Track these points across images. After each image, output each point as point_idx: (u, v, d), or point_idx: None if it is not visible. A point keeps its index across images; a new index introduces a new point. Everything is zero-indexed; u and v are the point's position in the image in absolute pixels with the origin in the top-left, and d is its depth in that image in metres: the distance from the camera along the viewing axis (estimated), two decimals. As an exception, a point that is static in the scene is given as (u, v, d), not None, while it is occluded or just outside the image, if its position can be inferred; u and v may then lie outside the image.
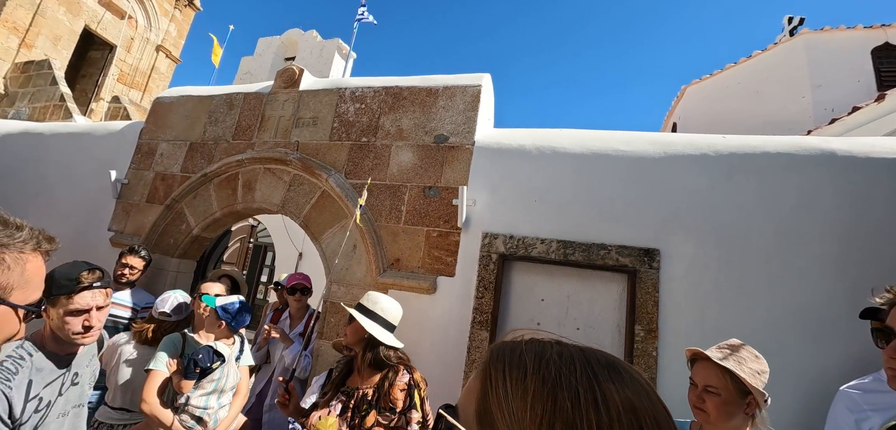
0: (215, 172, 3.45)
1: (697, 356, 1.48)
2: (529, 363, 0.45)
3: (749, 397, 1.35)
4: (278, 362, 2.90)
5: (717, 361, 1.38)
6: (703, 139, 2.57)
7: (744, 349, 1.44)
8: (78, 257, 3.65)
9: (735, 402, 1.34)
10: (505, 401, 0.43)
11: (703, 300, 2.25)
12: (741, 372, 1.35)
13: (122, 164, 3.89)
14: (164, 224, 3.51)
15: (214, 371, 2.13)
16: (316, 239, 3.08)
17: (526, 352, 0.47)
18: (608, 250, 2.43)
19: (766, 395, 1.34)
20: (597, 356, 0.47)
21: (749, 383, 1.33)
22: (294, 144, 3.32)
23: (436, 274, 2.71)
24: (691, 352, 1.51)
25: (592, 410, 0.40)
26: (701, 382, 1.40)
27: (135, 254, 3.01)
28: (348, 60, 11.46)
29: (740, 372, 1.35)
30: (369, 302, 1.91)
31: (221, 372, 2.19)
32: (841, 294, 2.08)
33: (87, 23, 8.69)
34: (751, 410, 1.34)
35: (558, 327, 2.50)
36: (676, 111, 10.41)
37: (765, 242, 2.24)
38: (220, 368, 2.15)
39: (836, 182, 2.24)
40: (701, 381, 1.40)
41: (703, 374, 1.41)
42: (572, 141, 2.76)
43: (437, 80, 3.16)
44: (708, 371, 1.40)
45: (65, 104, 6.61)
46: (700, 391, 1.39)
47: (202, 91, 3.95)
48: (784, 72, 8.34)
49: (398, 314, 1.96)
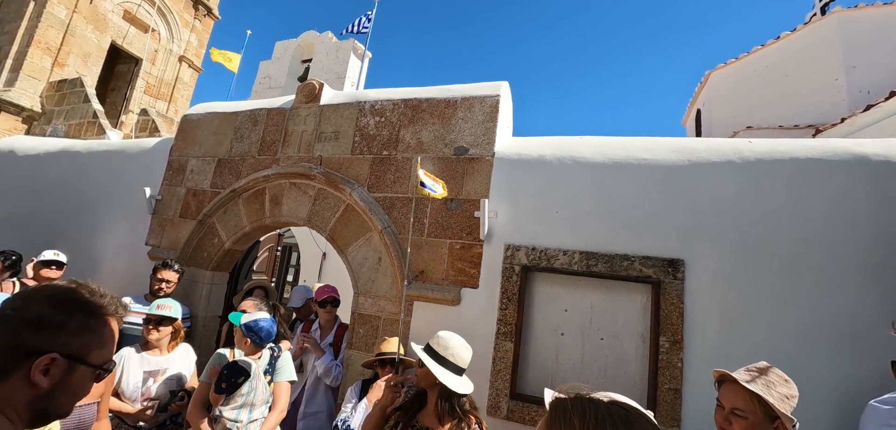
0: (243, 188, 3.58)
1: (725, 378, 1.49)
2: (575, 416, 0.67)
3: (777, 421, 1.35)
4: (311, 371, 3.02)
5: (745, 384, 1.39)
6: (728, 144, 2.53)
7: (772, 372, 1.44)
8: (118, 272, 3.85)
9: (762, 426, 1.35)
10: None
11: (730, 311, 2.23)
12: (770, 397, 1.36)
13: (155, 180, 4.07)
14: (197, 239, 3.67)
15: (242, 386, 2.26)
16: (342, 252, 3.18)
17: (572, 411, 0.68)
18: (631, 261, 2.43)
19: (795, 421, 1.35)
20: (617, 413, 0.66)
21: (777, 408, 1.34)
22: (317, 158, 3.41)
23: (459, 286, 2.76)
24: (719, 374, 1.52)
25: None
26: (728, 404, 1.41)
27: (169, 268, 3.19)
28: (364, 61, 11.53)
29: (769, 397, 1.35)
30: (440, 346, 1.80)
31: (249, 387, 2.31)
32: (874, 304, 2.04)
33: (114, 38, 9.03)
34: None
35: (582, 338, 2.53)
36: (700, 98, 10.11)
37: (794, 250, 2.21)
38: (246, 383, 2.28)
39: (870, 188, 2.18)
40: (728, 403, 1.42)
41: (731, 396, 1.42)
42: (592, 150, 2.75)
43: (455, 90, 3.18)
44: (735, 394, 1.41)
45: (98, 121, 6.93)
46: (727, 413, 1.41)
47: (227, 107, 4.08)
48: (815, 53, 7.95)
49: (468, 358, 1.83)
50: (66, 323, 0.80)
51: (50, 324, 0.79)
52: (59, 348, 0.78)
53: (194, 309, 3.54)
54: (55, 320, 0.80)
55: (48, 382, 0.77)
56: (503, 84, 3.13)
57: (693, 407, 2.17)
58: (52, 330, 0.79)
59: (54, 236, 4.23)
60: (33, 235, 4.31)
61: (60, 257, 3.40)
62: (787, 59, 8.38)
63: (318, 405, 2.96)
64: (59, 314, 0.80)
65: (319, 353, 2.96)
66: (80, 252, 4.00)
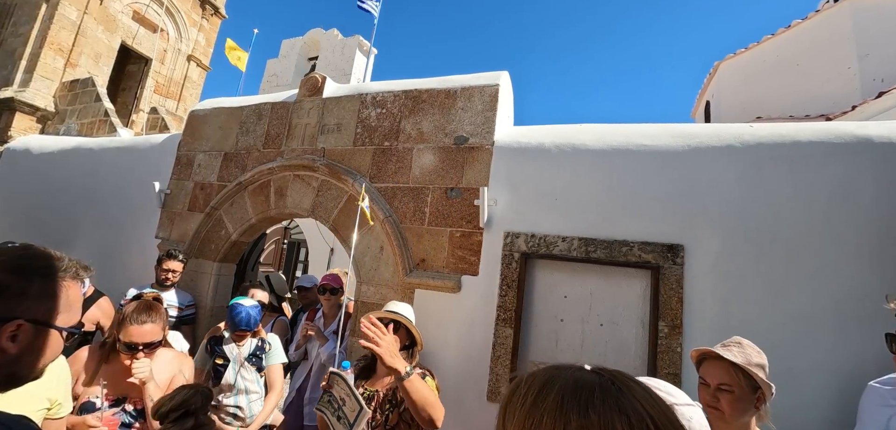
0: (249, 181, 3.64)
1: (706, 356, 1.50)
2: (519, 399, 0.55)
3: (758, 391, 1.37)
4: (315, 358, 3.08)
5: (730, 358, 1.40)
6: (729, 130, 2.51)
7: (747, 345, 1.47)
8: (130, 264, 3.94)
9: (747, 397, 1.38)
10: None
11: (730, 296, 2.23)
12: (751, 368, 1.37)
13: (164, 174, 4.16)
14: (205, 231, 3.75)
15: (225, 373, 2.41)
16: (345, 242, 3.22)
17: (520, 388, 0.57)
18: (631, 247, 2.43)
19: (773, 387, 1.36)
20: (570, 380, 0.54)
21: (760, 376, 1.36)
22: (320, 150, 3.46)
23: (460, 273, 2.79)
24: (699, 353, 1.53)
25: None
26: (714, 381, 1.42)
27: (173, 258, 3.29)
28: (369, 56, 11.59)
29: (751, 368, 1.37)
30: (400, 309, 2.15)
31: (232, 373, 2.41)
32: (877, 288, 2.01)
33: (124, 39, 9.20)
34: (759, 403, 1.37)
35: (582, 324, 2.54)
36: (709, 90, 9.98)
37: (796, 235, 2.19)
38: (229, 369, 2.40)
39: (873, 171, 2.15)
40: (714, 380, 1.42)
41: (715, 372, 1.43)
42: (592, 137, 2.75)
43: (455, 81, 3.20)
44: (719, 369, 1.42)
45: (109, 119, 7.08)
46: (713, 391, 1.42)
47: (232, 102, 4.15)
48: (827, 41, 7.79)
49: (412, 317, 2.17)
50: (28, 289, 0.82)
51: (9, 290, 0.80)
52: (23, 313, 0.80)
53: (201, 299, 3.62)
54: (15, 286, 0.81)
55: (16, 347, 0.79)
56: (503, 74, 3.13)
57: (692, 392, 2.15)
58: (14, 297, 0.80)
59: (70, 231, 4.36)
60: (50, 230, 4.44)
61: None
62: (798, 48, 8.22)
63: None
64: (19, 280, 0.81)
65: (323, 340, 3.02)
66: (94, 245, 4.11)
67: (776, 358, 2.09)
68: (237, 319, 2.47)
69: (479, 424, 2.53)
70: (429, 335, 2.77)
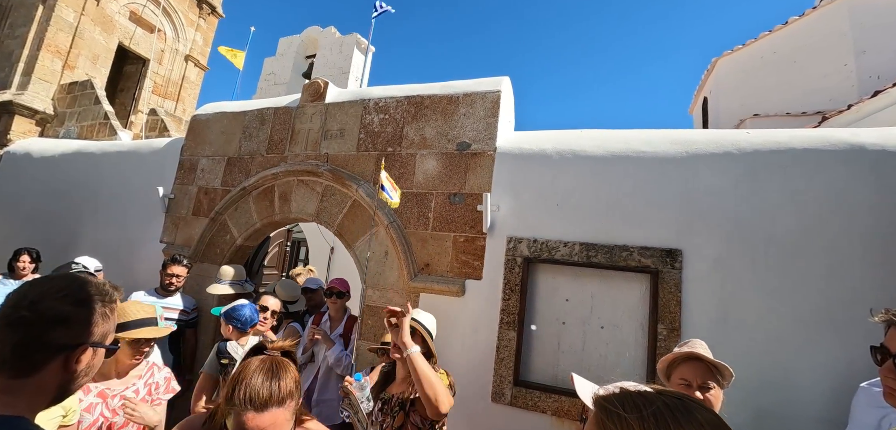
0: (253, 186, 3.68)
1: (677, 361, 1.59)
2: (631, 414, 0.62)
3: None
4: (322, 361, 3.14)
5: (707, 356, 1.53)
6: (726, 136, 2.57)
7: (700, 343, 1.61)
8: (135, 269, 3.97)
9: (720, 387, 1.50)
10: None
11: (727, 300, 2.29)
12: (720, 363, 1.51)
13: (167, 179, 4.19)
14: (209, 235, 3.79)
15: (230, 371, 2.44)
16: (350, 246, 3.27)
17: (626, 409, 0.64)
18: (630, 252, 2.50)
19: (732, 371, 1.51)
20: (673, 404, 0.63)
21: (729, 369, 1.49)
22: (324, 156, 3.50)
23: (464, 277, 2.84)
24: (670, 359, 1.62)
25: None
26: (696, 380, 1.51)
27: (178, 263, 3.33)
28: (367, 55, 11.57)
29: (720, 363, 1.51)
30: (418, 316, 2.10)
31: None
32: (870, 292, 2.08)
33: (121, 40, 9.16)
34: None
35: (583, 326, 2.60)
36: (707, 86, 10.02)
37: (790, 241, 2.26)
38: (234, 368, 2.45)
39: (866, 178, 2.21)
40: (698, 380, 1.51)
41: (695, 373, 1.52)
42: (593, 143, 2.80)
43: (457, 86, 3.24)
44: (698, 369, 1.52)
45: (109, 122, 7.08)
46: (696, 390, 1.49)
47: (235, 107, 4.18)
48: (824, 38, 7.82)
49: (434, 328, 2.14)
50: (91, 317, 0.91)
51: (78, 320, 0.89)
52: (88, 338, 0.90)
53: (207, 303, 3.66)
54: (81, 316, 0.90)
55: (78, 368, 0.89)
56: (504, 79, 3.18)
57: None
58: (81, 325, 0.90)
59: (73, 235, 4.39)
60: (53, 234, 4.47)
61: (90, 265, 3.25)
62: (795, 44, 8.26)
63: (330, 393, 3.09)
64: (82, 310, 0.91)
65: (329, 344, 3.08)
66: (99, 250, 4.13)
67: (771, 359, 2.17)
68: (243, 319, 2.54)
69: (483, 425, 2.59)
70: (435, 338, 2.83)
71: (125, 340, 1.78)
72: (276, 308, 2.89)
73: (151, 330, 1.87)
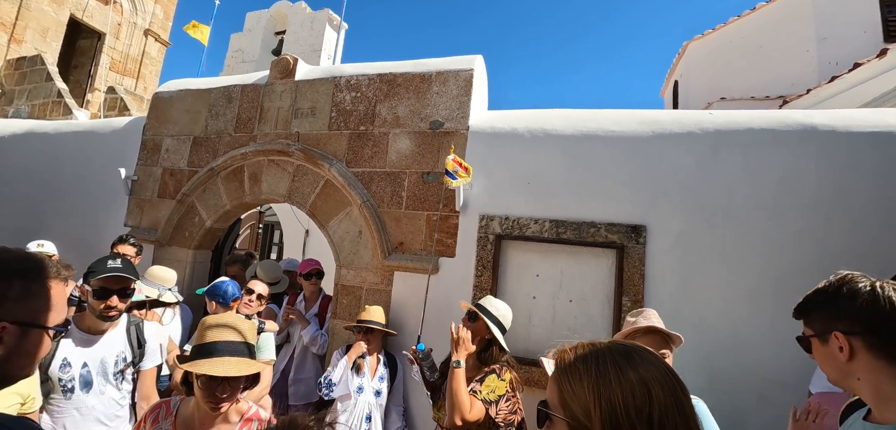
0: (221, 166, 3.57)
1: (636, 334, 1.69)
2: (581, 365, 0.71)
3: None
4: (298, 341, 3.14)
5: (664, 328, 1.66)
6: (691, 116, 2.66)
7: (649, 312, 1.74)
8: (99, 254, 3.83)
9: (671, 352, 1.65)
10: (574, 391, 0.69)
11: (687, 272, 2.41)
12: (672, 332, 1.64)
13: (129, 160, 4.01)
14: (177, 218, 3.67)
15: None
16: (323, 226, 3.24)
17: (578, 358, 0.72)
18: (598, 228, 2.58)
19: (682, 338, 1.66)
20: (617, 348, 0.72)
21: (680, 338, 1.65)
22: (295, 134, 3.42)
23: (438, 255, 2.87)
24: (624, 335, 1.71)
25: (617, 385, 0.65)
26: (656, 350, 1.62)
27: (125, 242, 3.16)
28: (340, 31, 11.25)
29: (673, 333, 1.64)
30: (489, 304, 2.07)
31: None
32: (818, 265, 2.18)
33: (73, 12, 8.55)
34: None
35: (553, 300, 2.69)
36: (678, 69, 10.26)
37: (747, 216, 2.38)
38: None
39: (816, 157, 2.34)
40: (655, 350, 1.63)
41: (654, 344, 1.64)
42: (564, 122, 2.85)
43: (430, 65, 3.21)
44: (655, 340, 1.65)
45: (63, 100, 6.65)
46: None
47: (200, 84, 4.01)
48: (788, 25, 8.07)
49: (510, 319, 2.10)
50: (7, 291, 0.83)
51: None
52: (5, 315, 0.82)
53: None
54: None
55: (3, 349, 0.82)
56: (477, 58, 3.17)
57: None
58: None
59: (29, 221, 4.15)
60: (6, 220, 4.23)
61: (46, 248, 3.18)
62: (761, 30, 8.52)
63: (307, 372, 3.10)
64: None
65: (305, 324, 3.07)
66: (60, 236, 3.93)
67: (725, 326, 2.31)
68: (225, 294, 2.52)
69: (457, 398, 2.66)
70: (408, 316, 2.87)
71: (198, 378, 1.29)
72: (263, 293, 2.83)
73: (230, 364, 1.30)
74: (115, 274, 1.78)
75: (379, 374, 2.58)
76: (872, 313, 0.90)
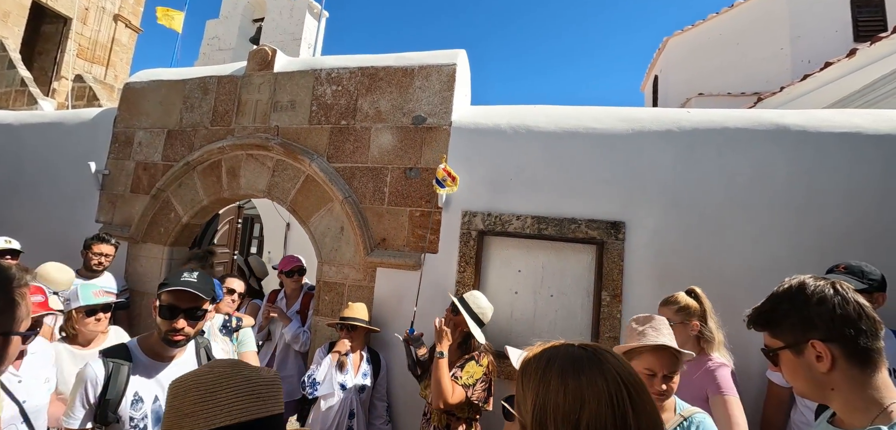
0: (198, 160, 3.47)
1: (643, 350, 1.43)
2: (532, 366, 0.75)
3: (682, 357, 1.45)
4: (279, 339, 3.10)
5: (676, 347, 1.42)
6: (669, 115, 2.71)
7: (659, 321, 1.48)
8: (69, 252, 3.70)
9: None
10: (523, 391, 0.74)
11: (663, 268, 2.47)
12: (675, 344, 1.43)
13: (100, 153, 3.86)
14: (151, 214, 3.56)
15: None
16: (304, 222, 3.19)
17: (533, 359, 0.76)
18: (578, 224, 2.61)
19: (692, 354, 1.51)
20: (573, 354, 0.73)
21: (691, 355, 1.48)
22: (274, 128, 3.34)
23: (420, 251, 2.87)
24: (628, 349, 1.45)
25: (553, 390, 0.68)
26: (665, 370, 1.40)
27: (104, 241, 3.09)
28: (321, 20, 10.99)
29: (675, 344, 1.43)
30: (471, 299, 2.29)
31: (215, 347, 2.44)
32: (787, 259, 2.30)
33: (37, -7, 8.12)
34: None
35: (534, 295, 2.72)
36: (658, 64, 10.42)
37: (721, 212, 2.45)
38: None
39: (787, 156, 2.42)
40: (665, 369, 1.40)
41: (663, 363, 1.40)
42: (546, 119, 2.86)
43: (412, 58, 3.17)
44: (666, 358, 1.40)
45: (27, 89, 6.32)
46: (660, 380, 1.38)
47: (173, 74, 3.87)
48: (765, 22, 8.27)
49: (490, 313, 2.31)
50: None
51: None
52: None
53: (151, 286, 3.46)
54: None
55: None
56: (460, 52, 3.15)
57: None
58: None
59: (-9, 216, 3.96)
60: (-35, 214, 4.01)
61: (13, 244, 3.04)
62: (738, 27, 8.71)
63: (289, 370, 3.07)
64: None
65: (286, 321, 3.03)
66: (27, 233, 3.75)
67: (699, 321, 2.36)
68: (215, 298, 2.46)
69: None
70: (392, 311, 2.87)
71: None
72: (241, 290, 2.88)
73: None
74: (186, 289, 1.48)
75: (362, 370, 2.57)
76: (846, 317, 0.86)
